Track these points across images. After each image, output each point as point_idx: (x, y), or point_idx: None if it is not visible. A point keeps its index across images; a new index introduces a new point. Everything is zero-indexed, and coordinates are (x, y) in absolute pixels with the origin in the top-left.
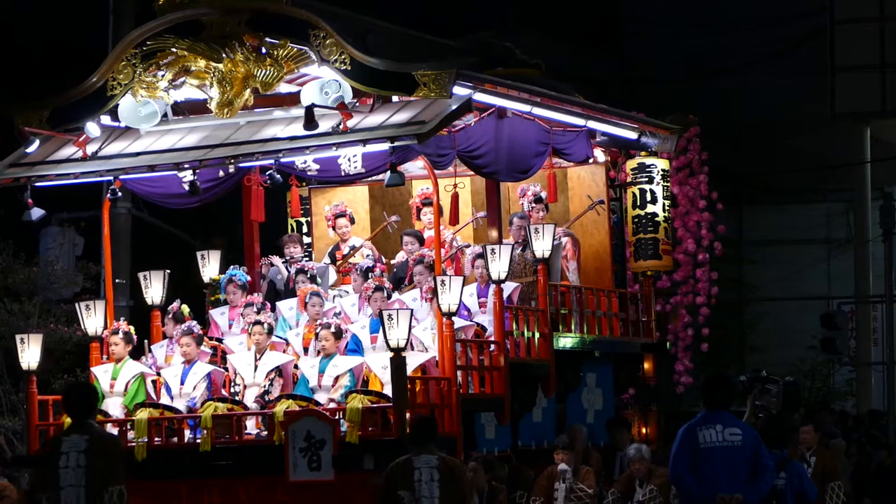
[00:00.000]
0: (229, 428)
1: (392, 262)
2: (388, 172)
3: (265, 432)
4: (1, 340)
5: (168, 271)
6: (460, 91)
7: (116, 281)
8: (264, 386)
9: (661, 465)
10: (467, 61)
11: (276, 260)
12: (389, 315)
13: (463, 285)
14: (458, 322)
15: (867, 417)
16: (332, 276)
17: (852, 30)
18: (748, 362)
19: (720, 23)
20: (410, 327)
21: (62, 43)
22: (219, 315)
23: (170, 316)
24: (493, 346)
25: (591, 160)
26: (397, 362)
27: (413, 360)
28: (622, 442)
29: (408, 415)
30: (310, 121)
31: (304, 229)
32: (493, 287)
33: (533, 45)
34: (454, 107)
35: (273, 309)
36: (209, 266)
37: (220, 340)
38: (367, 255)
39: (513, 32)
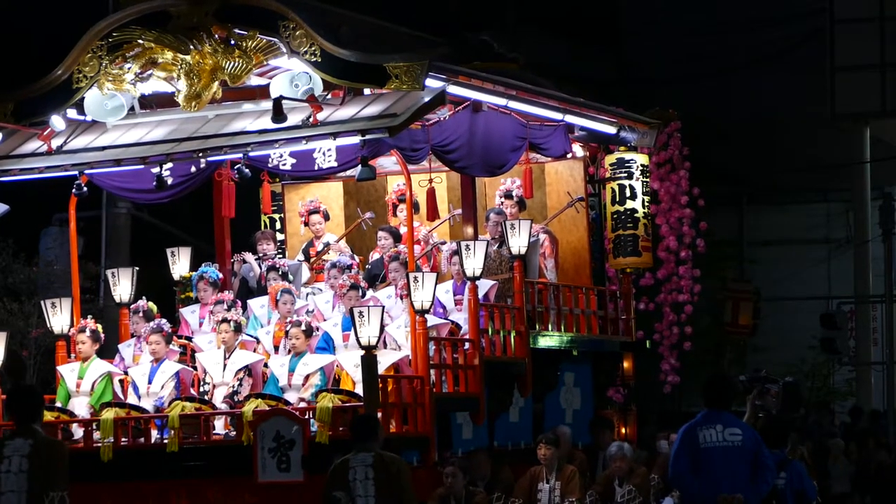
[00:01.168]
0: (197, 428)
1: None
2: (359, 166)
3: (234, 432)
4: None
5: (136, 268)
6: (433, 83)
7: None
8: (233, 385)
9: (641, 465)
10: (440, 52)
11: (249, 257)
12: (361, 313)
13: (437, 282)
14: (432, 320)
15: (868, 418)
16: (306, 273)
17: (852, 30)
18: (748, 362)
19: (720, 23)
20: (382, 325)
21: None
22: (189, 313)
23: (139, 314)
24: (467, 345)
25: (569, 155)
26: (368, 361)
27: (385, 359)
28: (605, 442)
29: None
30: (278, 113)
31: (278, 226)
32: (468, 284)
33: (533, 45)
34: (427, 99)
35: (244, 307)
36: (179, 263)
37: (189, 339)
38: (344, 253)
39: (513, 32)
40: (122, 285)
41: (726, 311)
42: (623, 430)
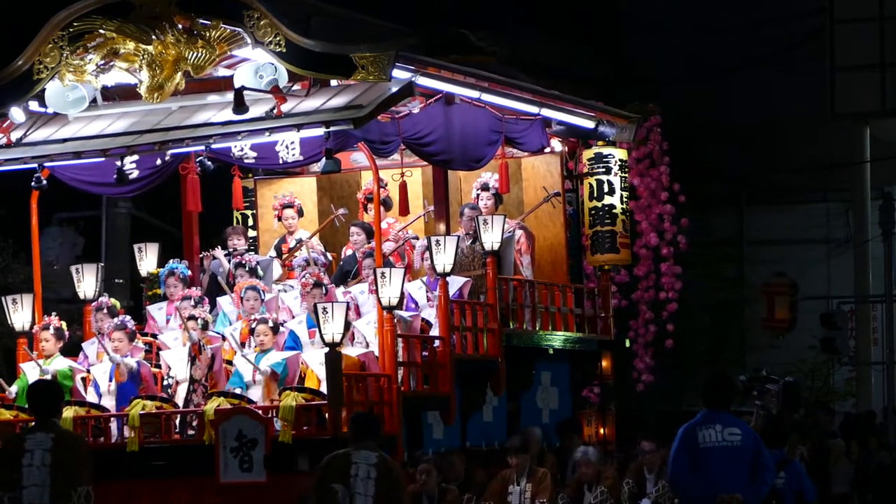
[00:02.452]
0: (158, 427)
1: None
2: (324, 159)
3: (193, 431)
4: (0, 340)
5: (101, 264)
6: (401, 74)
7: (116, 281)
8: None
9: (609, 466)
10: (407, 43)
11: (219, 253)
12: (324, 309)
13: (404, 278)
14: (405, 313)
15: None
16: (277, 270)
17: (852, 29)
18: (747, 362)
19: (720, 23)
20: (347, 321)
21: None
22: (156, 310)
23: (103, 311)
24: (437, 342)
25: (547, 150)
26: (332, 358)
27: (351, 355)
28: (572, 446)
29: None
30: (239, 104)
31: (251, 222)
32: (439, 280)
33: (532, 45)
34: (394, 90)
35: (213, 303)
36: (146, 260)
37: (155, 336)
38: (315, 250)
39: (512, 32)
40: (86, 282)
41: (762, 306)
42: (601, 431)
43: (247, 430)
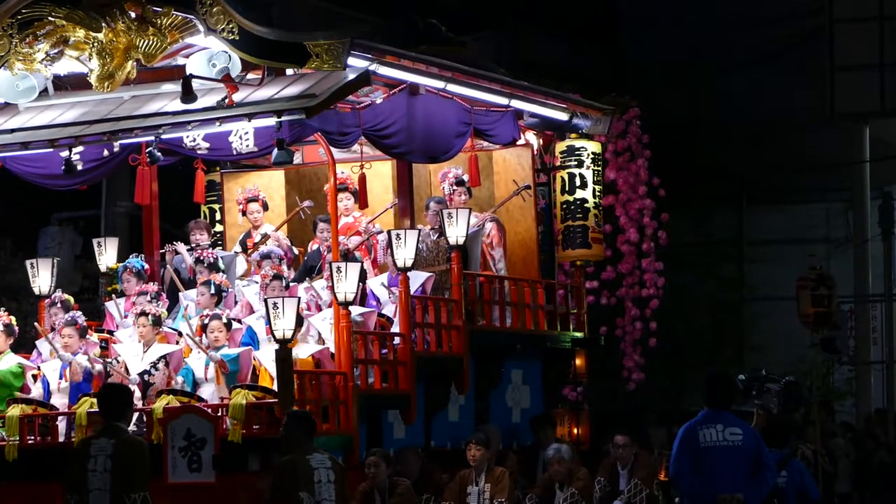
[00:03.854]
0: None
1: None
2: (275, 149)
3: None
4: None
5: (57, 259)
6: (358, 63)
7: None
8: (147, 369)
9: (583, 466)
10: (363, 30)
11: (181, 247)
12: (275, 304)
13: (363, 272)
14: (357, 311)
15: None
16: (242, 265)
17: (851, 29)
18: (748, 362)
19: (720, 22)
20: (301, 317)
21: None
22: (114, 306)
23: (57, 306)
24: (397, 339)
25: (521, 142)
26: (282, 355)
27: (305, 352)
28: (546, 440)
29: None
30: (187, 93)
31: (218, 216)
32: (399, 276)
33: (532, 44)
34: (348, 79)
35: (175, 299)
36: (106, 255)
37: (111, 332)
38: (280, 243)
39: (512, 32)
40: (41, 277)
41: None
42: (575, 431)
43: (196, 429)
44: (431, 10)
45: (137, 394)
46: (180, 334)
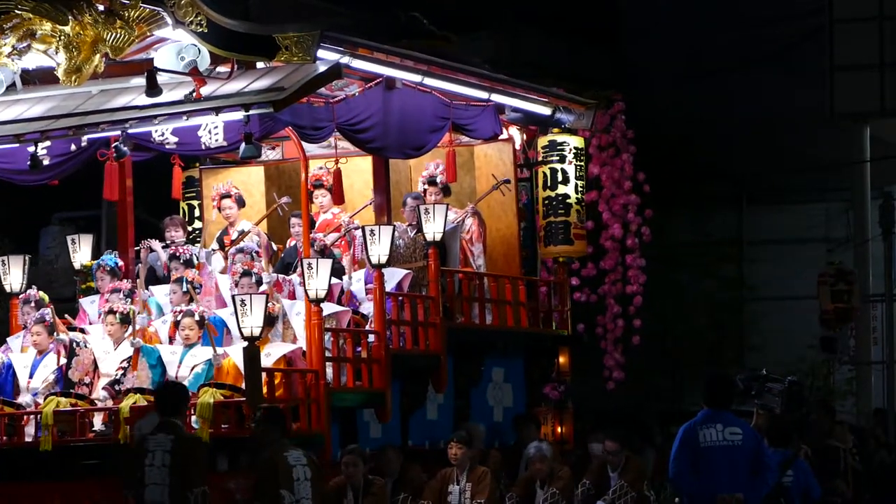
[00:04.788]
0: (73, 425)
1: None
2: (243, 143)
3: (102, 427)
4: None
5: (28, 256)
6: (330, 56)
7: None
8: (115, 375)
9: (564, 465)
10: (334, 22)
11: (156, 245)
12: (242, 301)
13: (330, 270)
14: (330, 308)
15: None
16: (219, 262)
17: (851, 29)
18: (748, 362)
19: (720, 22)
20: (270, 314)
21: None
22: (89, 304)
23: (30, 304)
24: (372, 337)
25: (499, 137)
26: (250, 352)
27: (276, 351)
28: (530, 440)
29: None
30: (152, 86)
31: (197, 213)
32: (374, 272)
33: (533, 45)
34: (318, 71)
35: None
36: (80, 252)
37: (83, 330)
38: (256, 241)
39: (512, 32)
40: (13, 274)
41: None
42: (558, 430)
43: None
44: (431, 10)
45: (104, 395)
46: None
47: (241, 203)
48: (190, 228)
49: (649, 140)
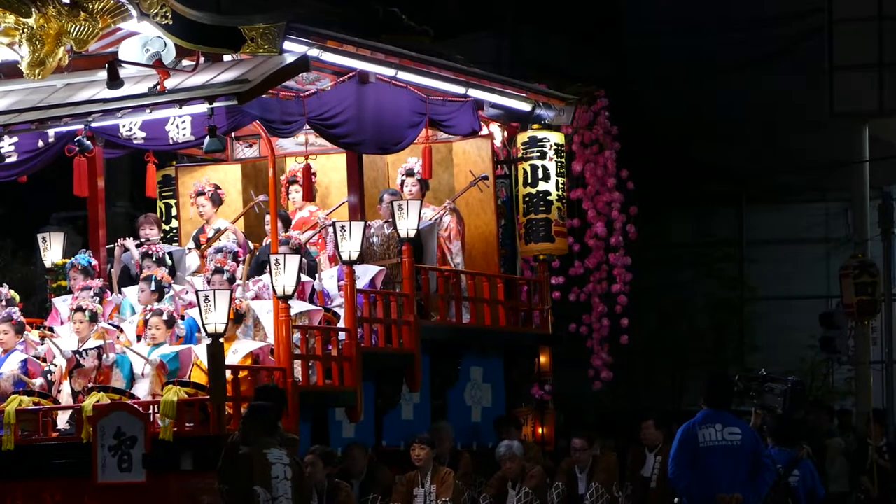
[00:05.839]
0: (36, 424)
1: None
2: (207, 137)
3: (67, 425)
4: None
5: None
6: (297, 48)
7: None
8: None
9: (536, 464)
10: (300, 13)
11: (130, 243)
12: (206, 297)
13: (305, 267)
14: (302, 307)
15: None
16: (195, 261)
17: (850, 29)
18: (748, 362)
19: (720, 22)
20: (238, 312)
21: None
22: (61, 303)
23: (1, 303)
24: (342, 335)
25: (478, 133)
26: (214, 350)
27: (243, 347)
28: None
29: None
30: (113, 79)
31: (174, 212)
32: (345, 269)
33: (532, 44)
34: (284, 63)
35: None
36: (51, 250)
37: (52, 329)
38: (233, 239)
39: (512, 31)
40: None
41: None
42: (540, 430)
43: (126, 427)
44: (432, 10)
45: (66, 390)
46: (121, 330)
47: (216, 201)
48: (167, 227)
49: (649, 140)
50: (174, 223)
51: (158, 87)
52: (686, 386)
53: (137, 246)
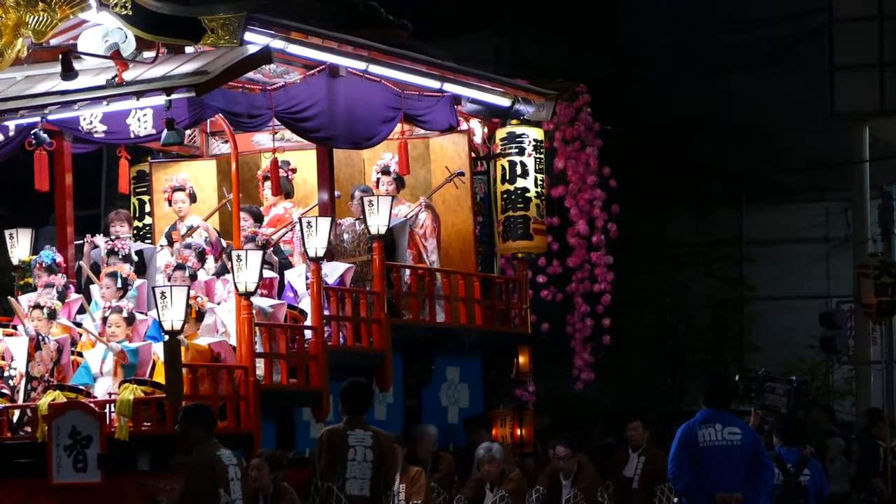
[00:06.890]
0: None
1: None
2: (165, 130)
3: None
4: None
5: None
6: (259, 39)
7: None
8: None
9: (515, 467)
10: (263, 3)
11: (99, 240)
12: (163, 293)
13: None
14: (262, 302)
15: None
16: (167, 258)
17: (851, 29)
18: (747, 362)
19: (719, 22)
20: (198, 309)
21: None
22: (26, 301)
23: None
24: (308, 333)
25: (456, 129)
26: (171, 347)
27: (201, 342)
28: (480, 442)
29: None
30: (67, 70)
31: (147, 208)
32: (312, 266)
33: (532, 44)
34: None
35: (87, 292)
36: (18, 247)
37: (14, 327)
38: (205, 237)
39: (512, 31)
40: None
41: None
42: (518, 432)
43: (81, 426)
44: (431, 10)
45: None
46: (79, 326)
47: (193, 198)
48: (140, 224)
49: (649, 140)
50: (147, 220)
51: (116, 79)
52: (686, 386)
53: (107, 243)
